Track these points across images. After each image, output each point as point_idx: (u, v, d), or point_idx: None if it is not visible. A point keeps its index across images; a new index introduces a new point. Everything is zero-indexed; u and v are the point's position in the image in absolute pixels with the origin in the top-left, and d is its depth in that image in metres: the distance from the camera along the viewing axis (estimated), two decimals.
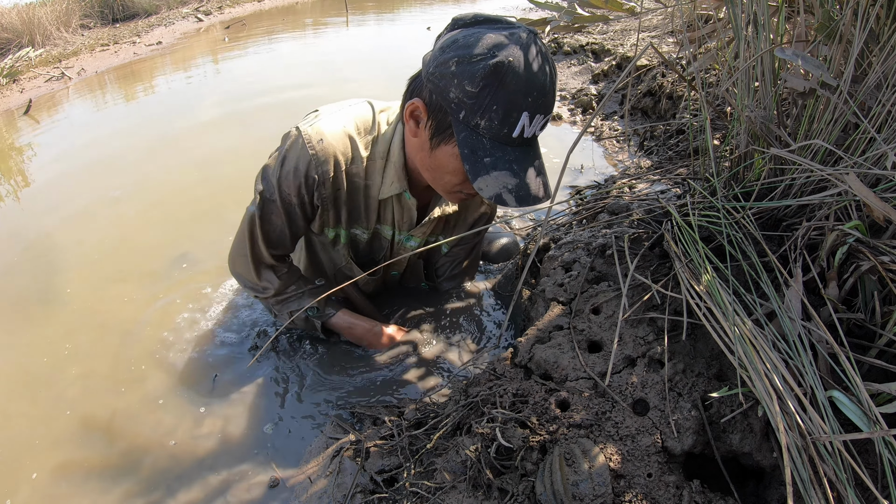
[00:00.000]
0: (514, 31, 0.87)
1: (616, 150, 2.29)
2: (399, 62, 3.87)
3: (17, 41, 5.12)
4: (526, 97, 0.85)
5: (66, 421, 1.24)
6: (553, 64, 0.90)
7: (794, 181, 0.90)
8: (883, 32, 0.81)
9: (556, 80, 0.90)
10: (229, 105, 3.16)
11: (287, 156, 1.08)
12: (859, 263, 0.74)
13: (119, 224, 1.99)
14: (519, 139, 0.89)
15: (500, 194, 0.89)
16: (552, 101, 0.90)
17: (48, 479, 1.11)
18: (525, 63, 0.84)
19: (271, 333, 1.39)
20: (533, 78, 0.84)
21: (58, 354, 1.43)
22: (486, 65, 0.83)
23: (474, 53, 0.84)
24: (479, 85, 0.84)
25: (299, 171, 1.07)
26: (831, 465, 0.62)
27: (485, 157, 0.89)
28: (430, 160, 0.99)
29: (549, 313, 1.08)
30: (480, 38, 0.86)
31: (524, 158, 0.91)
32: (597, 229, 1.30)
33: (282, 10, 6.80)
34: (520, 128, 0.88)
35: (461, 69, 0.85)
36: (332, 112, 1.11)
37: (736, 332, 0.74)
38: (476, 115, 0.87)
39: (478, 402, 0.91)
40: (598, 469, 0.72)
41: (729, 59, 1.15)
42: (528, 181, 0.90)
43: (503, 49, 0.84)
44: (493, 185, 0.89)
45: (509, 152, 0.90)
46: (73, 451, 1.17)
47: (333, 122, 1.09)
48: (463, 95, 0.86)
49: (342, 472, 0.99)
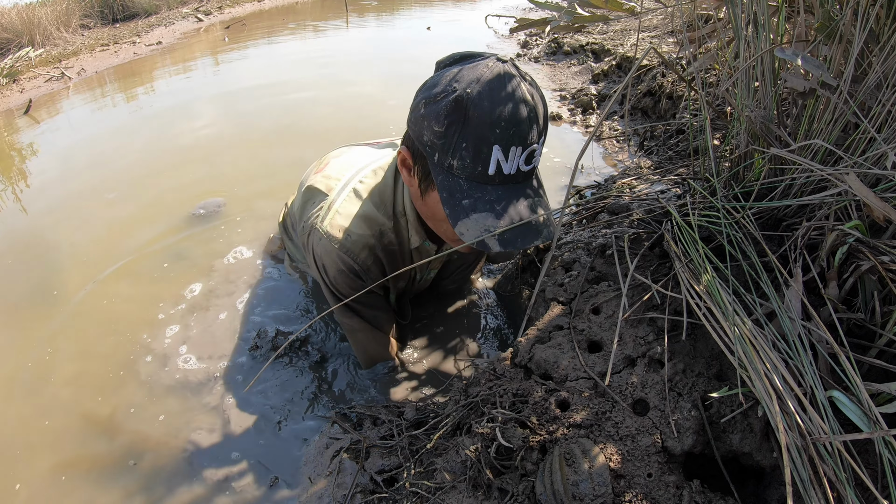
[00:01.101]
0: (481, 61, 0.82)
1: (616, 150, 2.29)
2: (399, 62, 3.87)
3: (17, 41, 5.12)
4: (493, 129, 0.78)
5: (65, 421, 1.24)
6: (532, 89, 0.82)
7: (794, 181, 0.90)
8: (883, 32, 0.80)
9: (536, 106, 0.82)
10: (229, 105, 3.16)
11: (325, 263, 1.08)
12: (859, 263, 0.74)
13: (117, 224, 1.99)
14: (499, 176, 0.82)
15: (481, 238, 0.82)
16: (530, 130, 0.81)
17: (47, 479, 1.11)
18: (490, 93, 0.78)
19: (271, 333, 1.39)
20: (500, 108, 0.78)
21: (56, 354, 1.43)
22: (448, 101, 0.79)
23: (437, 92, 0.81)
24: (444, 123, 0.80)
25: (343, 272, 1.07)
26: (831, 465, 0.62)
27: (463, 199, 0.83)
28: (424, 208, 0.96)
29: (549, 313, 1.08)
30: (444, 75, 0.82)
31: (510, 197, 0.84)
32: (597, 229, 1.30)
33: (282, 9, 6.80)
34: (494, 164, 0.81)
35: (428, 110, 0.82)
36: (343, 191, 1.08)
37: (736, 332, 0.74)
38: (448, 156, 0.82)
39: (478, 402, 0.91)
40: (598, 469, 0.72)
41: (729, 59, 1.15)
42: (516, 222, 0.83)
43: (463, 82, 0.79)
44: (474, 228, 0.83)
45: (489, 192, 0.83)
46: (72, 450, 1.17)
47: (351, 210, 1.05)
48: (433, 137, 0.82)
49: (342, 472, 0.99)
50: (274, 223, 1.84)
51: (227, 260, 1.71)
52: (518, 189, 0.85)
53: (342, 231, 1.04)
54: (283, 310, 1.50)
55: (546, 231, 0.85)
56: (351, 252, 1.05)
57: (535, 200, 0.87)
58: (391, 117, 2.71)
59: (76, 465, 1.14)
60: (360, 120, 2.72)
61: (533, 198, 0.87)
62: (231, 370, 1.32)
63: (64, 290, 1.67)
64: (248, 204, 2.00)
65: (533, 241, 0.83)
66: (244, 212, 1.96)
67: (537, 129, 0.82)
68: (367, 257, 1.06)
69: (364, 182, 1.09)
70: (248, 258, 1.71)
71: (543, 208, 0.87)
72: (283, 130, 2.67)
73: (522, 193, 0.85)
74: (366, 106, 2.91)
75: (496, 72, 0.80)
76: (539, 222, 0.85)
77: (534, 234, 0.84)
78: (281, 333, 1.40)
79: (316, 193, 1.13)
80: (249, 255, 1.72)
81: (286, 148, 2.44)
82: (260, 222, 1.88)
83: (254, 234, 1.82)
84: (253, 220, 1.89)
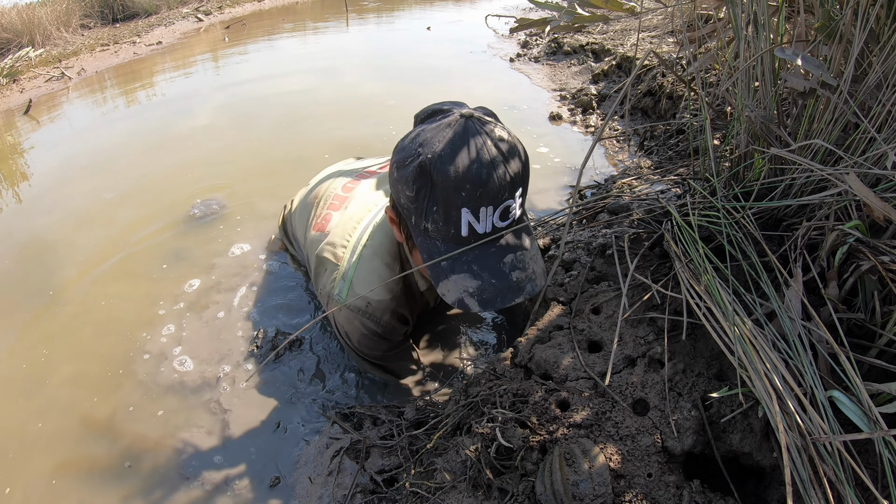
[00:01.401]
0: (444, 119, 0.81)
1: (616, 149, 2.29)
2: (399, 62, 3.87)
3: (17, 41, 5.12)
4: (458, 193, 0.77)
5: (62, 421, 1.24)
6: (501, 143, 0.80)
7: (795, 181, 0.90)
8: (883, 32, 0.80)
9: (508, 160, 0.79)
10: (229, 105, 3.16)
11: (348, 331, 1.10)
12: (859, 263, 0.74)
13: (116, 223, 1.99)
14: (474, 236, 0.82)
15: (461, 299, 0.82)
16: (500, 188, 0.79)
17: (44, 481, 1.11)
18: (452, 156, 0.77)
19: (270, 332, 1.39)
20: (464, 171, 0.76)
21: (53, 354, 1.43)
22: (414, 167, 0.79)
23: (405, 157, 0.81)
24: (413, 189, 0.80)
25: (367, 335, 1.09)
26: (831, 465, 0.62)
27: (442, 260, 0.84)
28: (417, 262, 0.96)
29: (549, 313, 1.08)
30: (412, 137, 0.82)
31: (488, 256, 0.83)
32: (597, 229, 1.30)
33: (282, 9, 6.80)
34: (466, 226, 0.80)
35: (399, 174, 0.82)
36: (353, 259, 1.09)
37: (736, 332, 0.74)
38: (422, 219, 0.82)
39: (478, 402, 0.91)
40: (598, 469, 0.72)
41: (729, 59, 1.15)
42: (495, 280, 0.82)
43: (426, 146, 0.78)
44: (454, 289, 0.83)
45: (467, 252, 0.83)
46: (69, 452, 1.17)
47: (365, 278, 1.06)
48: (407, 201, 0.83)
49: (342, 472, 0.99)
50: (274, 223, 1.84)
51: (227, 260, 1.71)
52: (497, 246, 0.84)
53: (362, 301, 1.05)
54: (282, 309, 1.50)
55: (529, 286, 0.84)
56: (374, 317, 1.06)
57: (516, 256, 0.85)
58: (391, 117, 2.71)
59: (73, 466, 1.14)
60: (360, 119, 2.72)
61: (515, 252, 0.85)
62: (230, 370, 1.32)
63: (62, 289, 1.66)
64: (248, 203, 2.00)
65: (514, 300, 0.83)
66: (244, 211, 1.96)
67: (509, 184, 0.80)
68: (389, 318, 1.08)
69: (370, 244, 1.09)
70: (247, 258, 1.71)
71: (527, 261, 0.86)
72: (283, 130, 2.67)
73: (503, 250, 0.84)
74: (366, 106, 2.91)
75: (458, 131, 0.78)
76: (521, 278, 0.84)
77: (514, 292, 0.83)
78: (281, 333, 1.40)
79: (326, 263, 1.14)
80: (249, 255, 1.72)
81: (286, 147, 2.44)
82: (260, 222, 1.88)
83: (253, 234, 1.82)
84: (253, 220, 1.89)
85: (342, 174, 1.41)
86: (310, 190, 1.45)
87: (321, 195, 1.35)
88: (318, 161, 2.22)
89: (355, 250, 1.09)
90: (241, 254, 1.73)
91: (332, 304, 1.09)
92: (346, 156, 1.78)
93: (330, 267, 1.11)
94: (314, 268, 1.19)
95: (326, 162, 2.18)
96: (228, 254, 1.73)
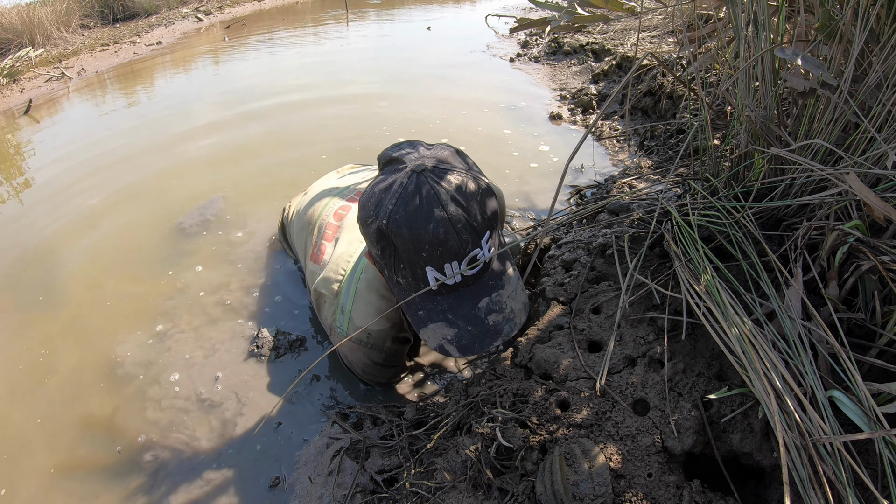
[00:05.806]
0: (396, 175, 0.80)
1: (616, 149, 2.29)
2: (399, 62, 3.87)
3: (18, 41, 5.11)
4: (419, 253, 0.77)
5: (61, 422, 1.24)
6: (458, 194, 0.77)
7: (795, 181, 0.90)
8: (883, 32, 0.80)
9: (468, 211, 0.77)
10: (230, 105, 3.16)
11: (352, 360, 1.14)
12: (860, 263, 0.74)
13: (116, 224, 1.99)
14: (445, 288, 0.82)
15: (441, 346, 0.84)
16: (460, 243, 0.78)
17: (46, 479, 1.11)
18: (407, 218, 0.76)
19: (271, 333, 1.39)
20: (420, 232, 0.76)
21: (53, 355, 1.43)
22: (375, 229, 0.79)
23: (366, 216, 0.82)
24: (379, 248, 0.82)
25: (370, 364, 1.12)
26: (831, 465, 0.62)
27: (418, 310, 0.85)
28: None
29: (550, 313, 1.08)
30: (369, 194, 0.82)
31: (462, 304, 0.83)
32: (597, 229, 1.30)
33: (282, 9, 6.80)
34: (433, 280, 0.81)
35: (364, 232, 0.84)
36: (349, 293, 1.10)
37: (736, 332, 0.74)
38: (393, 273, 0.84)
39: (478, 402, 0.91)
40: (598, 469, 0.72)
41: (729, 58, 1.15)
42: (471, 327, 0.83)
43: (381, 207, 0.79)
44: (433, 337, 0.84)
45: (440, 302, 0.83)
46: (71, 450, 1.17)
47: (364, 310, 1.07)
48: (376, 255, 0.85)
49: (342, 472, 0.99)
50: (273, 223, 1.84)
51: (227, 260, 1.71)
52: (471, 292, 0.84)
53: (364, 333, 1.07)
54: (283, 309, 1.50)
55: (507, 327, 0.85)
56: (376, 346, 1.09)
57: (492, 298, 0.85)
58: (390, 116, 2.72)
59: (72, 466, 1.14)
60: (359, 120, 2.72)
61: (490, 294, 0.85)
62: (230, 370, 1.32)
63: (62, 290, 1.66)
64: (248, 204, 2.00)
65: (491, 344, 0.84)
66: (244, 212, 1.96)
67: (473, 234, 0.79)
68: (391, 344, 1.10)
69: (363, 278, 1.09)
70: (247, 258, 1.71)
71: (504, 301, 0.85)
72: (283, 130, 2.67)
73: (477, 295, 0.84)
74: (364, 107, 2.91)
75: (411, 190, 0.77)
76: (499, 321, 0.84)
77: (492, 337, 0.84)
78: (281, 333, 1.40)
79: (325, 297, 1.16)
80: (249, 255, 1.72)
81: (286, 148, 2.44)
82: (260, 222, 1.88)
83: (253, 234, 1.82)
84: (253, 220, 1.89)
85: (336, 193, 1.42)
86: (307, 205, 1.45)
87: (315, 219, 1.37)
88: (316, 162, 2.22)
89: (350, 284, 1.10)
90: (240, 253, 1.73)
91: (334, 336, 1.12)
92: (344, 158, 1.77)
93: (329, 301, 1.14)
94: (314, 300, 1.22)
95: (325, 163, 2.17)
96: (228, 254, 1.73)
